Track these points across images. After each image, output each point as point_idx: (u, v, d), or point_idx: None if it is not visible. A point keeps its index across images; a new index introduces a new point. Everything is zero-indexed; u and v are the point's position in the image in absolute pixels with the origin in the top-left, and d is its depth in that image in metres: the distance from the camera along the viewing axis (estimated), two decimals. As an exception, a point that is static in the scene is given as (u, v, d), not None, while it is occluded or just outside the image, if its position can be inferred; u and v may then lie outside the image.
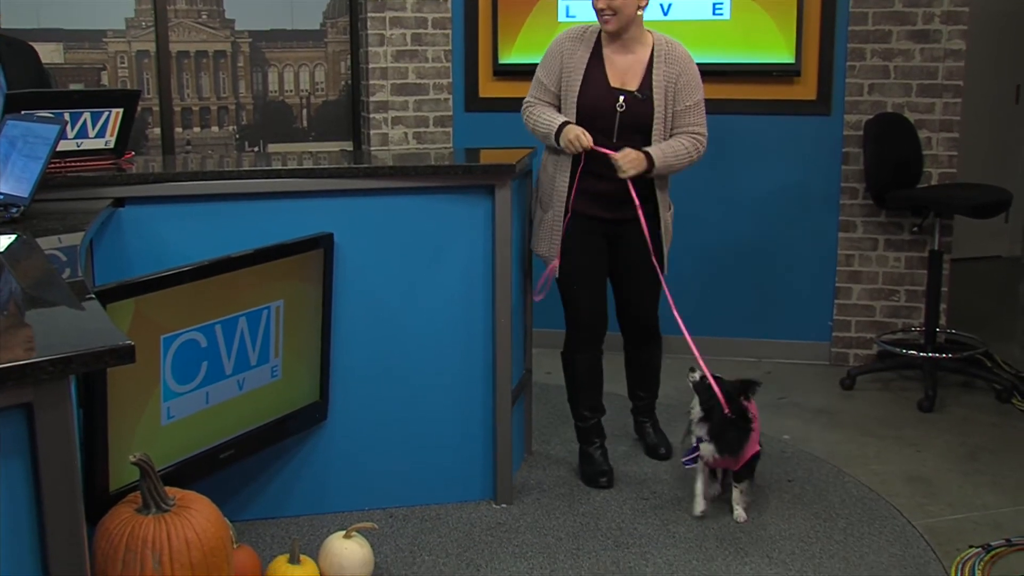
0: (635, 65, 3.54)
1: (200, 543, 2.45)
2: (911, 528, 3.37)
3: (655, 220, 3.61)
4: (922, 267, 4.92)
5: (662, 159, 3.49)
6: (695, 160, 3.58)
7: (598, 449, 3.78)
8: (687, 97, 3.54)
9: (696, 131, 3.56)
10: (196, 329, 2.82)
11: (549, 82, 3.60)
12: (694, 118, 3.55)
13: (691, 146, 3.54)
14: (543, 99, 3.62)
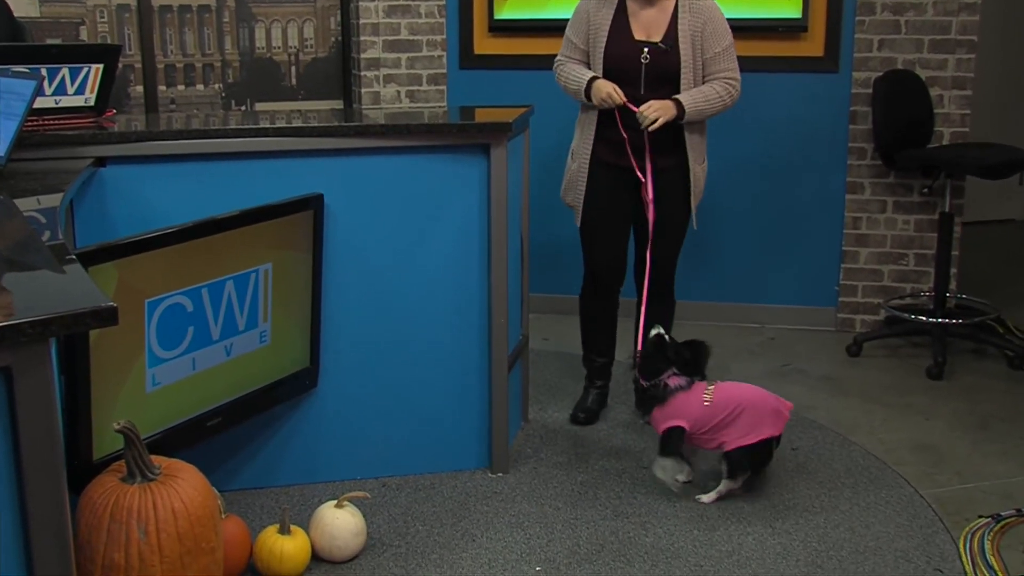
0: (659, 17, 3.63)
1: (187, 513, 2.45)
2: (919, 498, 3.39)
3: (684, 172, 3.69)
4: (932, 230, 4.91)
5: (692, 104, 3.58)
6: (729, 105, 3.68)
7: (594, 390, 4.02)
8: (715, 44, 3.62)
9: (728, 76, 3.65)
10: (181, 293, 2.82)
11: (578, 40, 3.72)
12: (725, 63, 3.65)
13: (723, 91, 3.63)
14: (573, 57, 3.75)
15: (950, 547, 3.06)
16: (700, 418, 3.27)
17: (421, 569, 2.95)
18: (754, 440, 3.26)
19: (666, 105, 3.56)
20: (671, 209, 3.73)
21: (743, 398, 3.30)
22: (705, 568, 2.95)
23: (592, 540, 3.11)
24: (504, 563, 2.99)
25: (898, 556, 3.01)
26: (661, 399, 3.31)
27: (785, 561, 2.98)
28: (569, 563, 2.98)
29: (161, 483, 2.47)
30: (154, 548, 2.39)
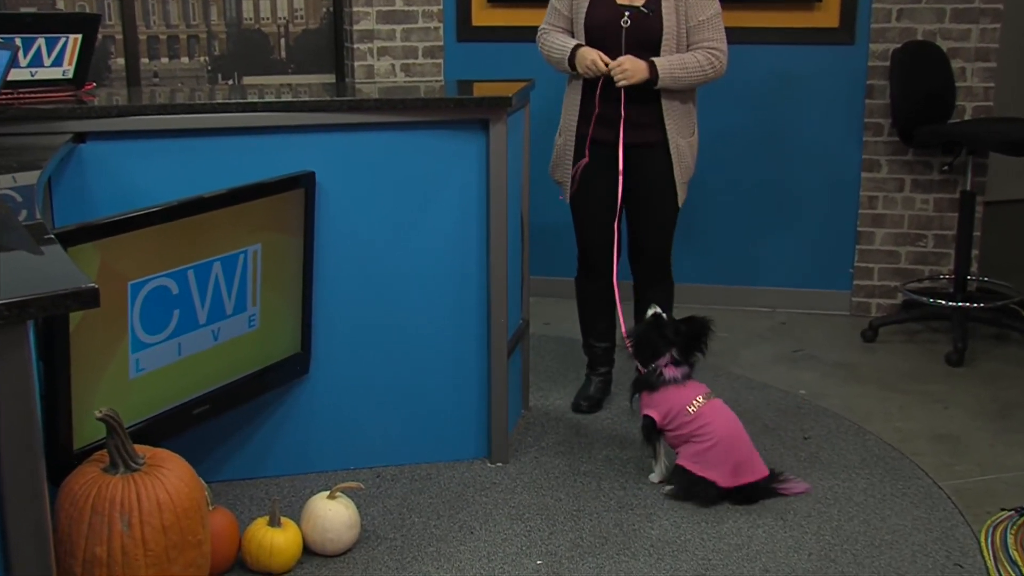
0: None
1: (173, 504, 2.45)
2: (937, 489, 3.38)
3: (664, 148, 3.68)
4: (952, 210, 4.90)
5: (667, 70, 3.56)
6: (711, 76, 3.64)
7: (597, 377, 4.04)
8: (699, 12, 3.61)
9: (712, 46, 3.63)
10: (166, 275, 2.81)
11: (562, 7, 3.72)
12: (709, 33, 3.63)
13: (704, 61, 3.60)
14: (558, 25, 3.74)
15: (970, 541, 3.06)
16: (675, 419, 3.27)
17: (417, 563, 2.96)
18: (700, 473, 3.23)
19: (638, 66, 3.54)
20: (657, 186, 3.72)
21: (724, 436, 3.24)
22: (713, 562, 2.95)
23: (595, 532, 3.12)
24: (504, 556, 2.99)
25: (915, 550, 3.01)
26: (652, 386, 3.31)
27: (797, 555, 2.99)
28: (571, 556, 2.99)
29: (145, 473, 2.47)
30: (138, 541, 2.39)
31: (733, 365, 4.40)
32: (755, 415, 3.93)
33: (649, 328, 3.38)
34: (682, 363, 3.32)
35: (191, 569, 2.51)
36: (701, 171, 3.96)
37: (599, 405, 3.99)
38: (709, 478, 3.22)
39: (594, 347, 4.04)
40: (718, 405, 3.30)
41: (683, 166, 3.73)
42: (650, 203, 3.72)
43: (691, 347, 3.34)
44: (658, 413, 3.28)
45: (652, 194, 3.71)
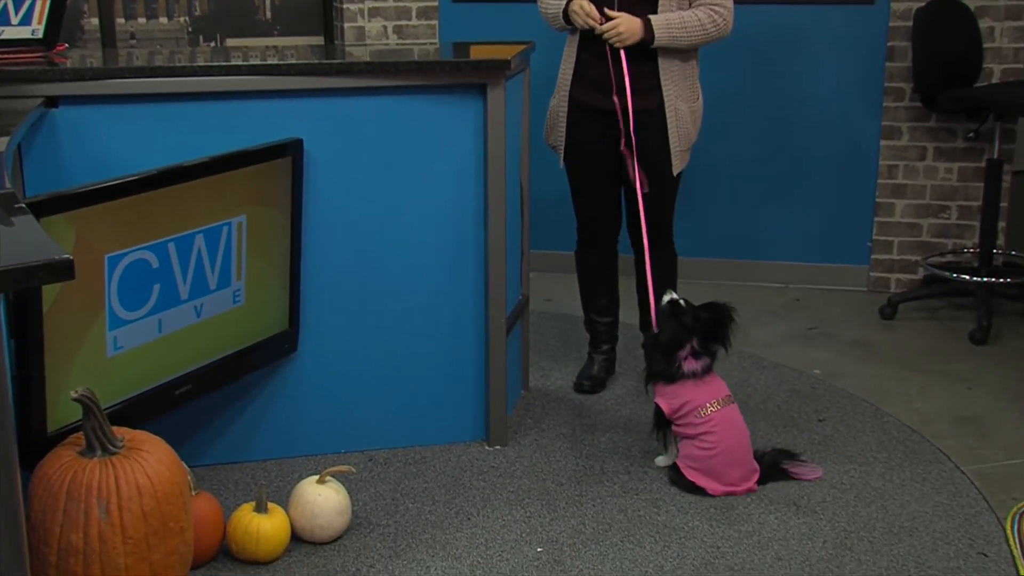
0: None
1: (153, 490, 2.46)
2: (960, 474, 3.39)
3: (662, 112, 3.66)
4: (978, 179, 4.89)
5: (664, 28, 3.54)
6: (714, 36, 3.61)
7: (600, 356, 4.05)
8: None
9: (714, 3, 3.60)
10: (146, 248, 2.80)
11: None
12: None
13: (706, 19, 3.57)
14: None
15: (995, 528, 3.07)
16: (685, 417, 3.26)
17: (411, 550, 2.96)
18: (692, 479, 3.24)
19: (633, 25, 3.52)
20: (655, 153, 3.69)
21: (727, 448, 3.23)
22: (722, 550, 2.96)
23: (598, 519, 3.12)
24: (502, 543, 3.00)
25: (936, 538, 3.02)
26: (670, 378, 3.30)
27: (811, 543, 2.99)
28: (573, 543, 2.99)
29: (124, 457, 2.47)
30: (116, 528, 2.39)
31: (743, 344, 4.39)
32: (766, 396, 3.93)
33: (667, 317, 3.36)
34: (702, 354, 3.31)
35: (173, 557, 2.51)
36: (708, 139, 3.96)
37: (602, 385, 3.99)
38: (700, 484, 3.23)
39: (596, 323, 4.04)
40: (731, 413, 3.29)
41: (681, 133, 3.69)
42: (649, 171, 3.69)
43: (712, 336, 3.32)
44: (669, 406, 3.28)
45: (647, 161, 3.68)
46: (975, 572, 2.84)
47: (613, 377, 4.07)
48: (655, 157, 3.70)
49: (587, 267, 4.00)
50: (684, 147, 3.72)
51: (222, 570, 2.86)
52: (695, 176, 4.06)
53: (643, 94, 3.63)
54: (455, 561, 2.91)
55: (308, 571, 2.86)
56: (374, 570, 2.87)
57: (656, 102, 3.65)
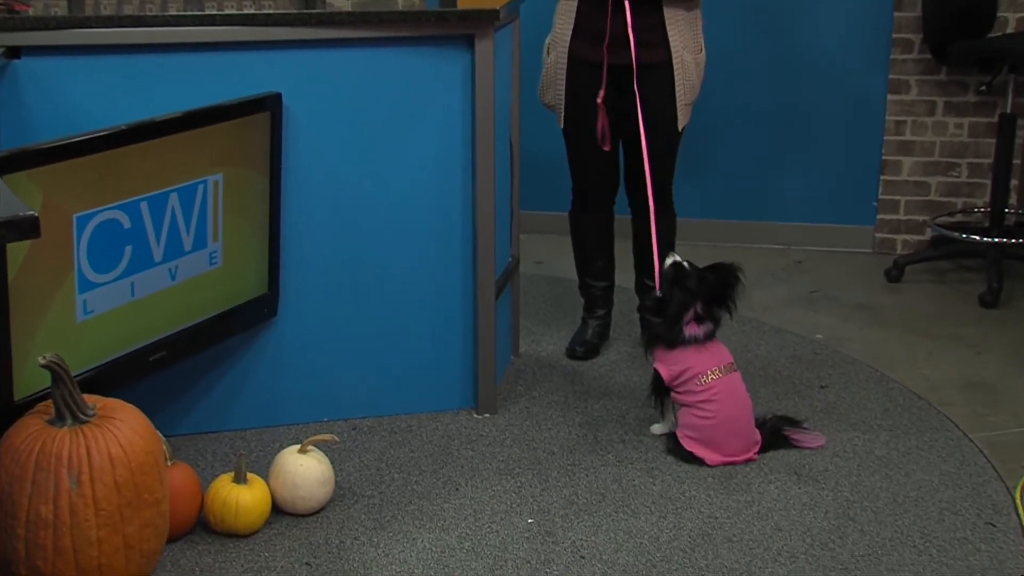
0: None
1: (126, 459, 2.45)
2: (968, 442, 3.40)
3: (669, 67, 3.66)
4: (990, 135, 4.87)
5: None
6: None
7: (594, 321, 4.06)
8: None
9: None
10: (117, 207, 2.79)
11: None
12: None
13: None
14: None
15: (1004, 498, 3.08)
16: (685, 384, 3.26)
17: (397, 522, 2.97)
18: (690, 449, 3.24)
19: None
20: (659, 108, 3.69)
21: (727, 417, 3.23)
22: (720, 520, 2.96)
23: (592, 489, 3.13)
24: (492, 514, 3.00)
25: (943, 508, 3.03)
26: (670, 343, 3.30)
27: (812, 513, 3.00)
28: (565, 514, 3.00)
29: (96, 426, 2.46)
30: (88, 500, 2.39)
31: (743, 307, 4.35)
32: (767, 362, 3.94)
33: (670, 282, 3.34)
34: (705, 319, 3.30)
35: (147, 529, 2.52)
36: (707, 94, 3.94)
37: (596, 351, 3.99)
38: (698, 454, 3.24)
39: (591, 287, 4.03)
40: (733, 382, 3.28)
41: (687, 86, 3.70)
42: (649, 127, 3.69)
43: (717, 299, 3.31)
44: (669, 372, 3.28)
45: (651, 116, 3.68)
46: (982, 543, 2.85)
47: (607, 343, 4.07)
48: (659, 112, 3.69)
49: (583, 230, 4.00)
50: (689, 100, 3.72)
51: (200, 543, 2.86)
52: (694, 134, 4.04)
53: (649, 47, 3.61)
54: (442, 533, 2.92)
55: (289, 544, 2.86)
56: (358, 542, 2.87)
57: (663, 55, 3.65)
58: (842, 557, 2.79)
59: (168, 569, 2.73)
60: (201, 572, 2.73)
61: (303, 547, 2.85)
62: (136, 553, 2.49)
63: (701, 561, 2.77)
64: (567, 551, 2.82)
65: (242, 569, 2.75)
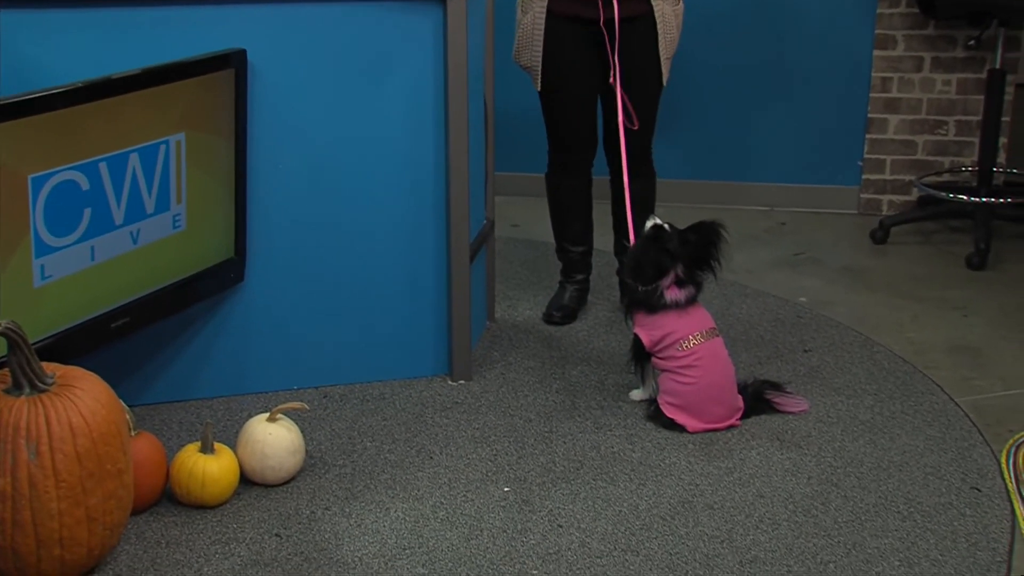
0: None
1: (88, 429, 2.44)
2: (953, 406, 3.41)
3: (652, 19, 3.65)
4: (978, 92, 4.88)
5: None
6: None
7: (572, 285, 4.07)
8: None
9: None
10: (74, 168, 2.76)
11: None
12: None
13: None
14: None
15: (989, 462, 3.09)
16: (666, 349, 3.26)
17: (369, 491, 2.97)
18: (671, 415, 3.25)
19: None
20: (640, 63, 3.69)
21: (709, 383, 3.24)
22: (701, 487, 2.97)
23: (569, 456, 3.13)
24: (467, 483, 3.00)
25: (928, 472, 3.04)
26: (650, 308, 3.29)
27: (795, 479, 3.01)
28: (543, 482, 3.00)
29: (55, 394, 2.45)
30: (48, 471, 2.38)
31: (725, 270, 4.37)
32: (749, 325, 3.95)
33: (649, 243, 3.33)
34: (687, 283, 3.29)
35: (111, 501, 2.51)
36: (686, 50, 3.93)
37: (574, 316, 3.99)
38: (679, 421, 3.24)
39: (569, 252, 4.03)
40: (715, 347, 3.28)
41: (668, 39, 3.70)
42: (630, 83, 3.67)
43: (699, 261, 3.30)
44: (649, 337, 3.28)
45: (635, 73, 3.67)
46: (967, 507, 2.87)
47: (585, 307, 4.07)
48: (641, 68, 3.69)
49: (561, 193, 3.99)
50: (669, 55, 3.72)
51: (166, 514, 2.86)
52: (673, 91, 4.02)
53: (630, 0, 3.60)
54: (416, 502, 2.92)
55: (259, 515, 2.86)
56: (329, 512, 2.87)
57: (643, 7, 3.64)
58: (825, 523, 2.80)
59: (133, 541, 2.73)
60: (167, 544, 2.73)
61: (273, 518, 2.85)
62: (99, 525, 2.49)
63: (681, 529, 2.78)
64: (544, 519, 2.83)
65: (210, 540, 2.74)
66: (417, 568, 2.63)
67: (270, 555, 2.68)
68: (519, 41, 3.79)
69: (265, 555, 2.68)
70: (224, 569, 2.63)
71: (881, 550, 2.69)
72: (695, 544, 2.72)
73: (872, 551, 2.68)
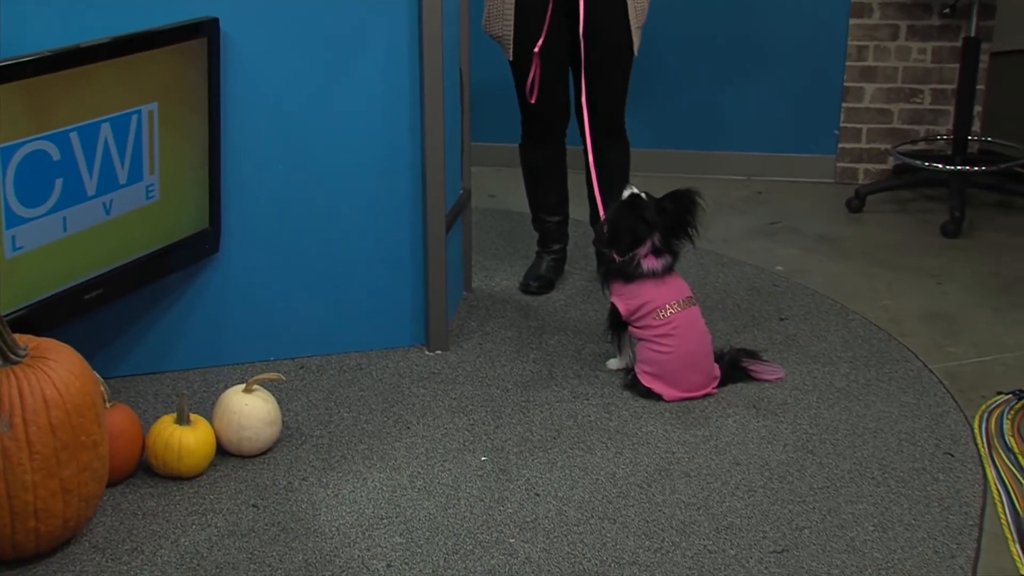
0: None
1: (62, 401, 2.43)
2: (928, 373, 3.43)
3: None
4: (953, 60, 4.88)
5: None
6: None
7: (549, 255, 4.04)
8: None
9: None
10: (44, 137, 2.73)
11: None
12: None
13: None
14: None
15: (963, 428, 3.11)
16: (643, 319, 3.26)
17: (346, 462, 2.96)
18: (648, 385, 3.25)
19: None
20: (610, 32, 3.67)
21: (686, 352, 3.24)
22: (678, 455, 2.98)
23: (546, 425, 3.13)
24: (444, 452, 3.00)
25: (902, 439, 3.06)
26: (627, 277, 3.29)
27: (771, 446, 3.02)
28: (520, 452, 3.01)
29: (28, 366, 2.44)
30: (22, 443, 2.37)
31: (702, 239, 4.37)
32: (725, 294, 3.95)
33: (625, 211, 3.33)
34: (664, 251, 3.29)
35: (86, 473, 2.50)
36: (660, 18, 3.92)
37: (551, 286, 3.99)
38: (656, 390, 3.25)
39: (545, 222, 4.02)
40: (691, 316, 3.28)
41: (638, 8, 3.68)
42: (601, 53, 3.66)
43: (676, 230, 3.30)
44: (626, 306, 3.28)
45: (603, 42, 3.65)
46: (940, 472, 2.88)
47: (562, 277, 4.07)
48: (612, 38, 3.66)
49: (535, 163, 3.98)
50: (640, 23, 3.70)
51: (142, 486, 2.85)
52: (647, 60, 4.01)
53: None
54: (394, 472, 2.91)
55: (235, 486, 2.85)
56: (307, 483, 2.86)
57: None
58: (800, 490, 2.81)
59: (109, 513, 2.72)
60: (144, 516, 2.72)
61: (250, 489, 2.84)
62: (74, 497, 2.48)
63: (658, 496, 2.79)
64: (521, 488, 2.83)
65: (187, 512, 2.74)
66: (394, 537, 2.63)
67: (247, 526, 2.68)
68: (489, 11, 3.77)
69: (242, 526, 2.68)
70: (201, 540, 2.62)
71: (856, 515, 2.70)
72: (671, 511, 2.73)
73: (847, 516, 2.70)
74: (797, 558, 2.55)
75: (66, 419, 2.43)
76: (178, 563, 2.54)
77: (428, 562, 2.54)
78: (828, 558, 2.54)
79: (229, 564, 2.53)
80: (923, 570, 2.50)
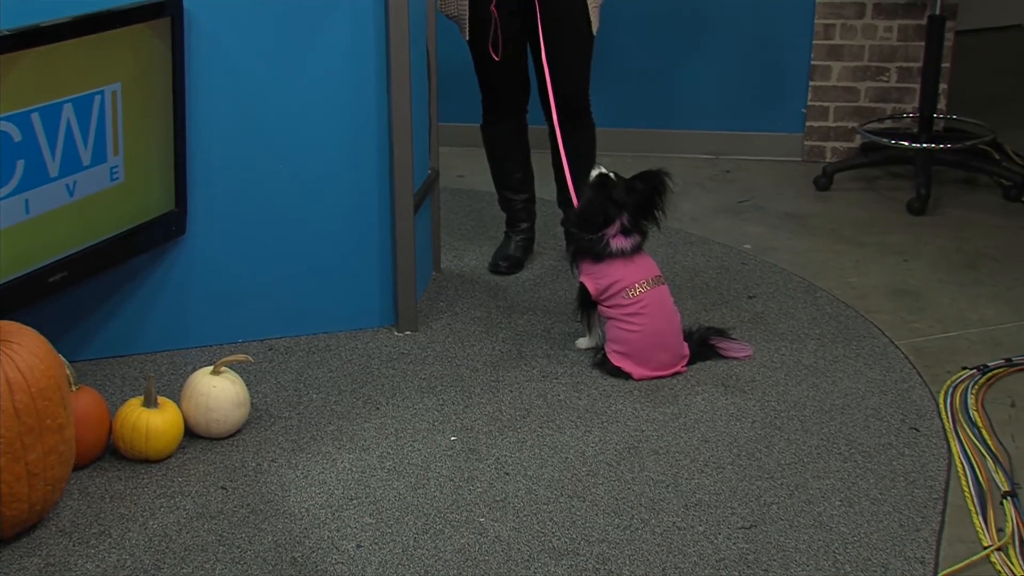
0: None
1: (25, 384, 2.41)
2: (894, 348, 3.45)
3: None
4: (919, 39, 4.89)
5: None
6: None
7: (517, 235, 4.04)
8: None
9: None
10: (5, 118, 2.70)
11: None
12: None
13: None
14: None
15: (928, 403, 3.13)
16: (612, 298, 3.26)
17: (316, 443, 2.95)
18: (617, 363, 3.25)
19: None
20: (570, 13, 3.66)
21: (654, 330, 3.24)
22: (647, 433, 2.98)
23: (516, 405, 3.13)
24: (413, 433, 3.00)
25: (869, 414, 3.07)
26: (596, 256, 3.28)
27: (739, 423, 3.03)
28: (489, 431, 3.00)
29: (-8, 349, 2.41)
30: (-14, 426, 2.35)
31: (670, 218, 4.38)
32: (694, 273, 3.96)
33: (594, 192, 3.32)
34: (632, 231, 3.29)
35: (51, 457, 2.48)
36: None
37: (520, 265, 3.99)
38: (625, 369, 3.25)
39: (511, 201, 4.02)
40: (660, 295, 3.29)
41: None
42: (561, 32, 3.65)
43: (645, 209, 3.29)
44: (596, 286, 3.27)
45: (562, 21, 3.64)
46: (906, 447, 2.90)
47: (531, 257, 4.06)
48: (570, 17, 3.65)
49: (496, 141, 3.98)
50: (597, 3, 3.68)
51: (110, 469, 2.83)
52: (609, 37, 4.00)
53: None
54: (363, 453, 2.91)
55: (204, 468, 2.84)
56: (276, 464, 2.85)
57: None
58: (768, 466, 2.82)
59: (76, 496, 2.70)
60: (112, 499, 2.70)
61: (218, 471, 2.83)
62: (40, 481, 2.46)
63: (627, 474, 2.79)
64: (491, 468, 2.83)
65: (155, 495, 2.72)
66: (364, 518, 2.62)
67: (216, 508, 2.67)
68: None
69: (211, 508, 2.67)
70: (170, 523, 2.61)
71: (823, 490, 2.71)
72: (641, 489, 2.73)
73: (814, 492, 2.71)
74: (765, 533, 2.56)
75: (30, 402, 2.41)
76: (146, 546, 2.53)
77: (398, 542, 2.54)
78: (796, 533, 2.55)
79: (198, 546, 2.52)
80: (889, 543, 2.52)
